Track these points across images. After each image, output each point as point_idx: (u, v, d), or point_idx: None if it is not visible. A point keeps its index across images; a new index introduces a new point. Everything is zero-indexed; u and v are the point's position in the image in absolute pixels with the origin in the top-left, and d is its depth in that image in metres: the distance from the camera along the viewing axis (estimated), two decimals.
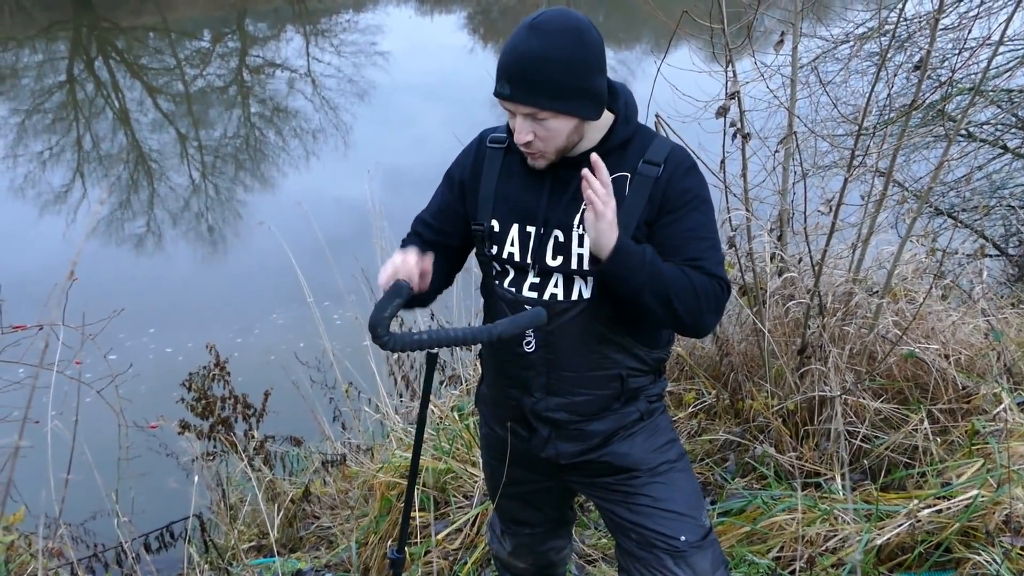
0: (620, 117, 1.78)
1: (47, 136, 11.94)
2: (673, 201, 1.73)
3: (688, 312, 1.67)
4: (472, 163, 1.89)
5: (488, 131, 1.93)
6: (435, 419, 3.57)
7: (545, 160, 1.74)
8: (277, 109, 14.24)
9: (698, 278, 1.68)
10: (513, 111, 1.69)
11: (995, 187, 5.86)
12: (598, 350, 1.82)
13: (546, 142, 1.70)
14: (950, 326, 3.37)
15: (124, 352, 3.26)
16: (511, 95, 1.65)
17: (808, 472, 3.04)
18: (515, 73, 1.63)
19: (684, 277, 1.67)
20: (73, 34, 18.67)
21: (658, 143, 1.78)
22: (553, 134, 1.68)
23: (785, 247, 3.36)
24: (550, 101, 1.64)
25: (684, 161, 1.76)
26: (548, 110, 1.65)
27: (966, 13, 4.82)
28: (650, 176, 1.73)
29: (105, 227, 8.94)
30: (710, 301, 1.69)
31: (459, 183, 1.90)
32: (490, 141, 1.88)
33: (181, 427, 3.63)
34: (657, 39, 3.45)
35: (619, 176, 1.75)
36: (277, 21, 21.25)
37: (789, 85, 3.24)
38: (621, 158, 1.77)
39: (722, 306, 1.73)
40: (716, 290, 1.70)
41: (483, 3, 24.85)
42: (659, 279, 1.65)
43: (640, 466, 1.91)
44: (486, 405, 2.09)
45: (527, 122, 1.68)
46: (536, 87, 1.63)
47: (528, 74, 1.62)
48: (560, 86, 1.63)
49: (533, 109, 1.65)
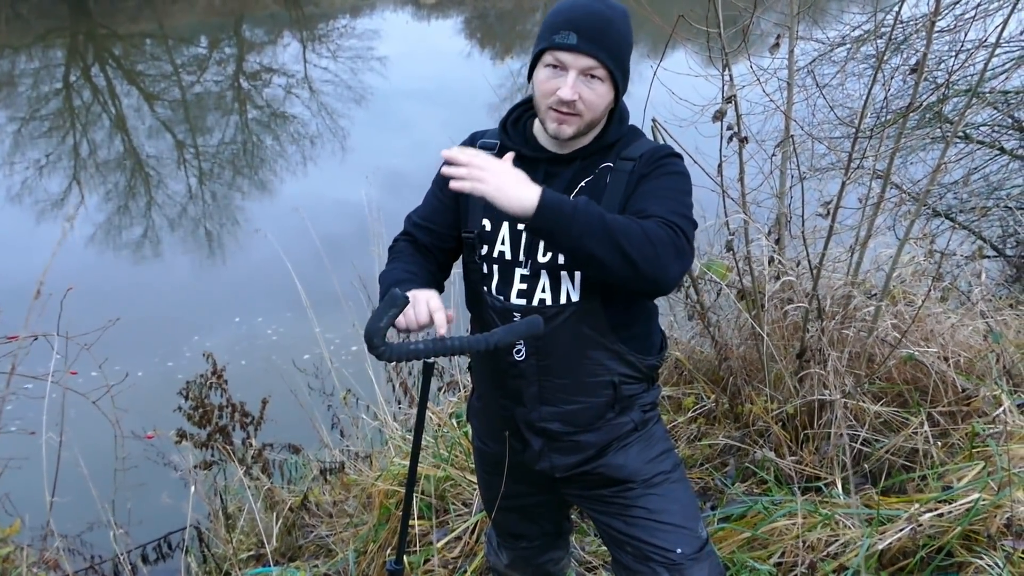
0: (615, 118, 1.81)
1: (44, 143, 11.93)
2: (646, 172, 1.75)
3: (645, 259, 1.54)
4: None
5: (477, 135, 1.93)
6: (433, 426, 3.56)
7: (573, 128, 1.72)
8: (274, 115, 14.24)
9: (648, 224, 1.58)
10: (570, 64, 1.68)
11: (992, 188, 5.86)
12: (589, 356, 1.82)
13: (588, 106, 1.71)
14: (949, 328, 3.36)
15: (120, 361, 3.24)
16: (576, 44, 1.66)
17: (808, 476, 3.03)
18: (583, 25, 1.67)
19: (632, 224, 1.57)
20: (70, 41, 18.67)
21: (639, 143, 1.81)
22: (598, 98, 1.71)
23: (783, 251, 3.34)
24: (609, 58, 1.68)
25: (660, 150, 1.79)
26: (606, 67, 1.68)
27: (962, 15, 4.82)
28: (625, 170, 1.76)
29: (103, 234, 8.93)
30: (667, 247, 1.56)
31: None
32: (480, 146, 1.87)
33: (178, 436, 3.61)
34: (655, 42, 3.46)
35: (603, 167, 1.79)
36: (274, 27, 21.26)
37: (786, 89, 3.23)
38: (607, 155, 1.80)
39: (684, 253, 1.60)
40: (671, 235, 1.58)
41: (480, 8, 24.88)
42: (600, 224, 1.54)
43: (635, 477, 1.89)
44: (478, 418, 2.08)
45: (579, 80, 1.69)
46: (602, 41, 1.68)
47: (597, 27, 1.67)
48: (619, 48, 1.70)
49: (594, 63, 1.68)
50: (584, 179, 1.78)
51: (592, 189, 1.77)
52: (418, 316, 1.67)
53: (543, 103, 1.73)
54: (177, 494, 3.34)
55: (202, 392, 3.80)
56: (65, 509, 2.86)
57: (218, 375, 3.84)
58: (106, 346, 3.02)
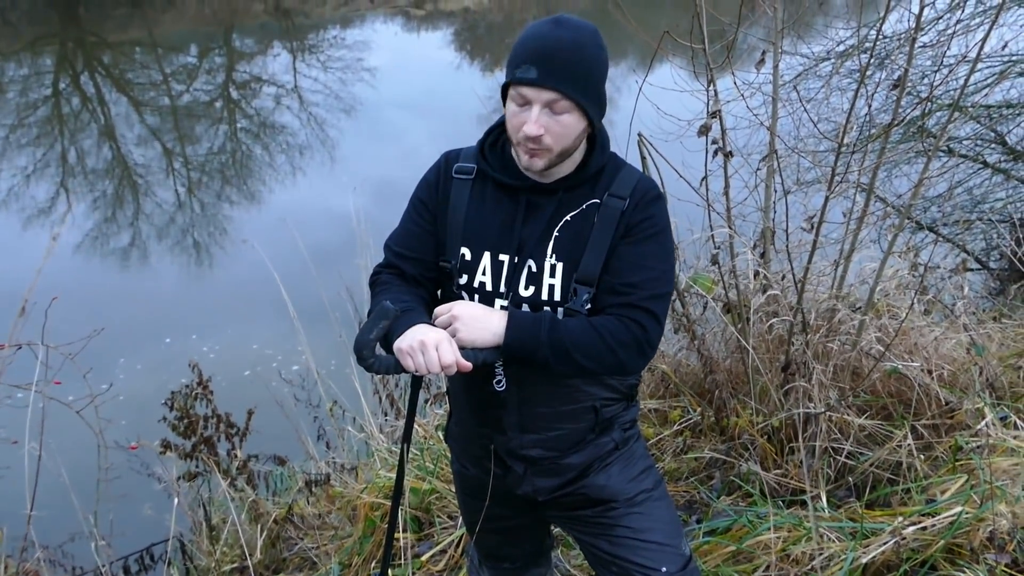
0: (597, 146, 1.77)
1: (32, 150, 11.88)
2: (632, 228, 1.72)
3: (606, 367, 1.70)
4: (439, 192, 1.83)
5: (451, 155, 1.87)
6: (419, 438, 3.56)
7: (543, 161, 1.68)
8: (264, 124, 14.23)
9: (611, 327, 1.67)
10: (532, 98, 1.63)
11: (976, 202, 5.91)
12: (570, 383, 1.81)
13: (555, 139, 1.65)
14: (933, 341, 3.38)
15: (106, 370, 3.23)
16: (537, 78, 1.60)
17: (793, 489, 3.04)
18: (543, 57, 1.60)
19: (593, 334, 1.67)
20: (59, 48, 18.61)
21: (625, 174, 1.77)
22: (566, 130, 1.65)
23: (768, 264, 3.36)
24: (573, 90, 1.62)
25: (649, 192, 1.76)
26: (570, 99, 1.62)
27: (944, 31, 4.87)
28: (617, 208, 1.72)
29: (90, 242, 8.89)
30: (630, 350, 1.69)
31: (431, 208, 1.84)
32: (456, 172, 1.82)
33: (163, 447, 3.59)
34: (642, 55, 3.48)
35: (591, 203, 1.74)
36: (264, 37, 21.26)
37: (771, 103, 3.25)
38: (593, 187, 1.76)
39: (645, 343, 1.70)
40: (637, 334, 1.68)
41: (469, 20, 24.96)
42: (562, 350, 1.66)
43: (618, 497, 1.89)
44: (457, 442, 2.05)
45: (543, 113, 1.63)
46: (563, 72, 1.61)
47: (557, 59, 1.60)
48: (584, 78, 1.63)
49: (557, 96, 1.61)
50: (569, 212, 1.74)
51: (579, 225, 1.73)
52: (429, 364, 1.60)
53: (513, 137, 1.69)
54: (160, 505, 3.32)
55: (187, 402, 3.78)
56: (46, 520, 2.84)
57: (204, 385, 3.83)
58: (91, 355, 3.00)
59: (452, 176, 1.82)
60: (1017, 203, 5.91)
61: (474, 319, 1.67)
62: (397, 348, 1.63)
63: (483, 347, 1.67)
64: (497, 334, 1.66)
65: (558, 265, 1.72)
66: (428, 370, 1.60)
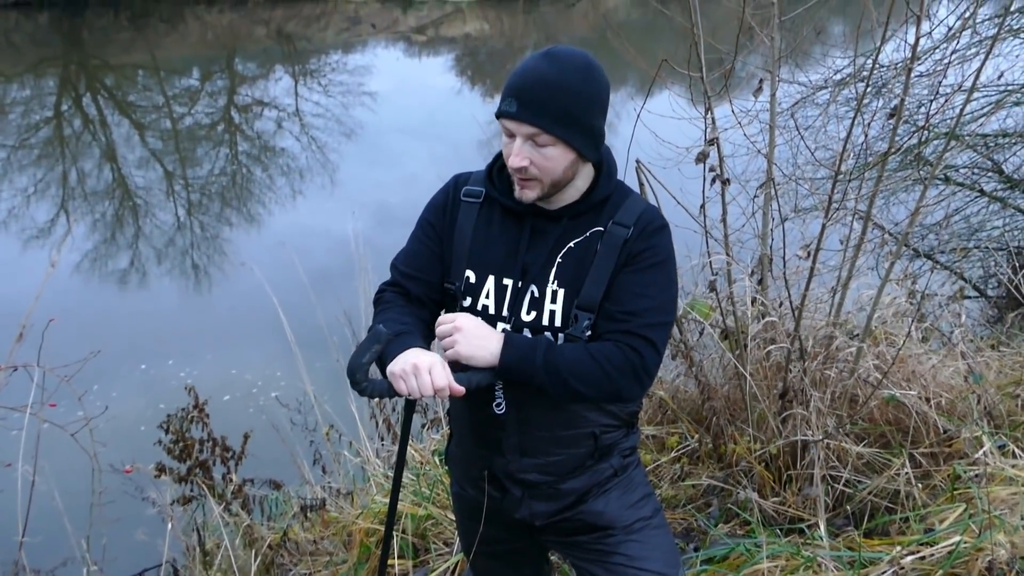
0: (603, 174, 1.79)
1: (33, 171, 11.91)
2: (635, 257, 1.73)
3: (603, 393, 1.71)
4: (447, 214, 1.86)
5: (461, 178, 1.89)
6: (415, 463, 3.54)
7: (536, 193, 1.71)
8: (265, 147, 14.29)
9: (608, 352, 1.68)
10: (514, 131, 1.66)
11: (973, 230, 5.92)
12: (570, 409, 1.81)
13: (542, 171, 1.68)
14: (930, 369, 3.38)
15: (102, 392, 3.22)
16: (516, 112, 1.64)
17: (791, 518, 3.02)
18: (523, 92, 1.64)
19: (589, 360, 1.68)
20: (62, 71, 18.73)
21: (630, 202, 1.78)
22: (551, 163, 1.67)
23: (766, 291, 3.37)
24: (553, 124, 1.63)
25: (653, 221, 1.76)
26: (550, 133, 1.64)
27: (940, 60, 4.91)
28: (620, 236, 1.73)
29: (89, 264, 8.89)
30: (626, 376, 1.69)
31: (438, 230, 1.86)
32: (464, 195, 1.84)
33: (158, 470, 3.57)
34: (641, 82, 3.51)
35: (594, 231, 1.75)
36: (266, 61, 21.42)
37: (768, 131, 3.27)
38: (598, 214, 1.77)
39: (642, 370, 1.70)
40: (631, 358, 1.68)
41: (470, 46, 25.16)
42: (557, 376, 1.67)
43: (615, 524, 1.88)
44: (456, 464, 2.06)
45: (526, 146, 1.66)
46: (542, 108, 1.63)
47: (536, 94, 1.63)
48: (565, 112, 1.64)
49: (536, 130, 1.64)
50: (572, 239, 1.75)
51: (582, 252, 1.74)
52: (422, 388, 1.61)
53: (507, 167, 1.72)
54: (154, 530, 3.30)
55: (183, 426, 3.77)
56: (39, 545, 2.81)
57: (200, 409, 3.82)
58: (88, 377, 2.99)
59: (460, 199, 1.84)
60: (1014, 231, 5.93)
61: (475, 335, 1.68)
62: (390, 372, 1.64)
63: (478, 367, 1.68)
64: (494, 354, 1.67)
65: (560, 291, 1.73)
66: (421, 394, 1.61)
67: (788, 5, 3.76)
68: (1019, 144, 5.79)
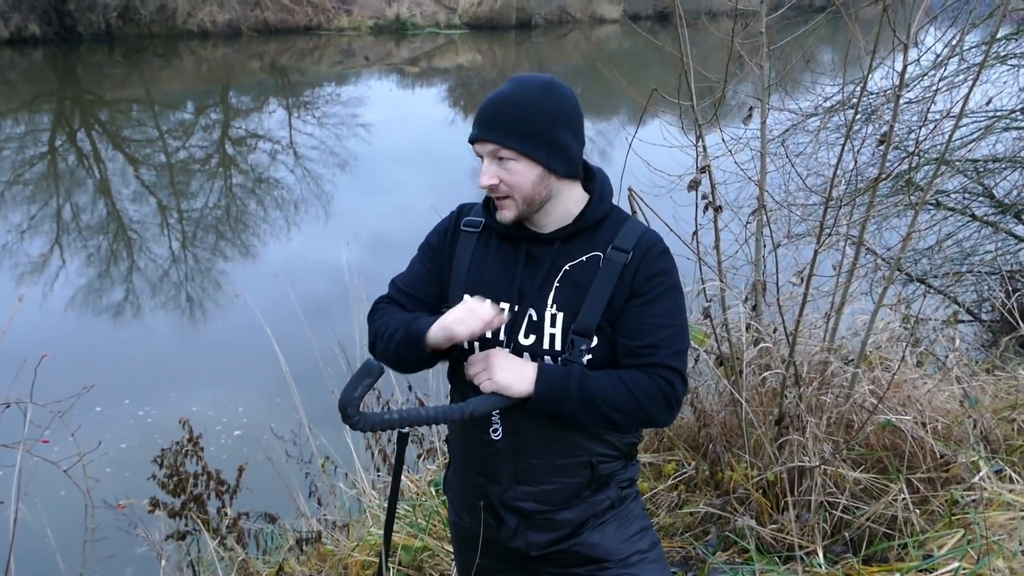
0: (595, 196, 1.81)
1: (27, 207, 11.93)
2: (642, 286, 1.74)
3: (636, 421, 1.75)
4: (448, 242, 1.89)
5: (465, 208, 1.93)
6: (411, 495, 3.51)
7: (512, 212, 1.75)
8: (259, 180, 14.33)
9: (640, 381, 1.71)
10: (480, 152, 1.74)
11: (966, 254, 5.95)
12: (567, 436, 1.80)
13: (511, 188, 1.72)
14: (926, 394, 3.38)
15: (96, 427, 3.20)
16: (477, 133, 1.72)
17: (789, 545, 3.00)
18: (483, 113, 1.72)
19: (622, 389, 1.70)
20: (56, 106, 18.83)
21: (629, 227, 1.80)
22: (517, 178, 1.71)
23: (760, 317, 3.37)
24: (508, 138, 1.69)
25: (655, 246, 1.78)
26: (508, 148, 1.69)
27: (929, 87, 4.96)
28: (619, 262, 1.74)
29: (83, 298, 8.87)
30: (658, 405, 1.72)
31: (439, 253, 1.90)
32: (464, 224, 1.88)
33: (151, 505, 3.54)
34: (633, 111, 3.55)
35: (592, 256, 1.77)
36: (260, 94, 21.56)
37: (759, 158, 3.29)
38: (594, 237, 1.79)
39: (674, 400, 1.74)
40: (663, 388, 1.72)
41: (464, 76, 25.37)
42: (591, 403, 1.69)
43: (611, 556, 1.87)
44: (454, 492, 2.05)
45: (492, 164, 1.72)
46: (497, 125, 1.70)
47: (492, 113, 1.71)
48: (522, 127, 1.69)
49: (495, 146, 1.70)
50: (568, 262, 1.77)
51: (580, 276, 1.75)
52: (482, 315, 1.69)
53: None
54: (147, 566, 3.26)
55: (177, 460, 3.74)
56: None
57: (194, 442, 3.79)
58: (82, 412, 2.98)
59: (461, 229, 1.89)
60: (1006, 255, 5.96)
61: (510, 366, 1.71)
62: (443, 325, 1.70)
63: (513, 395, 1.70)
64: (530, 382, 1.70)
65: (558, 315, 1.74)
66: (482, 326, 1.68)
67: (777, 34, 3.82)
68: (1009, 168, 5.84)
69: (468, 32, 33.08)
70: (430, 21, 32.89)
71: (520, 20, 34.16)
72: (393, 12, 32.16)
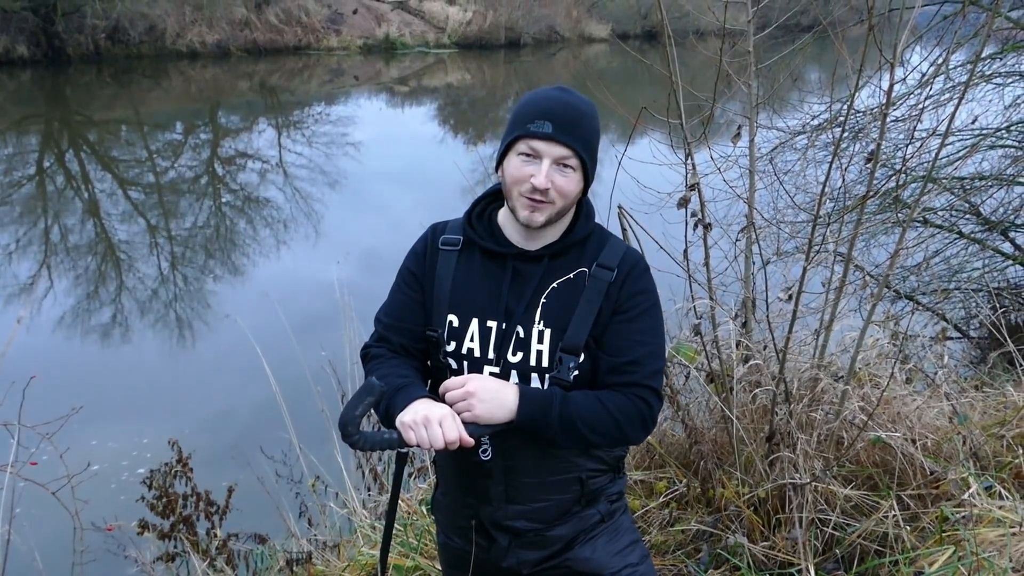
0: (583, 215, 1.83)
1: (14, 228, 11.87)
2: (625, 302, 1.76)
3: (612, 440, 1.77)
4: (428, 263, 1.87)
5: (439, 227, 1.92)
6: (403, 514, 3.50)
7: (544, 215, 1.74)
8: (248, 199, 14.31)
9: (619, 402, 1.73)
10: (543, 152, 1.71)
11: (953, 271, 5.99)
12: (557, 453, 1.81)
13: (560, 194, 1.73)
14: (915, 410, 3.38)
15: (84, 448, 3.17)
16: (552, 133, 1.70)
17: (781, 562, 3.00)
18: (558, 115, 1.71)
19: (601, 410, 1.72)
20: (45, 127, 18.77)
21: (612, 245, 1.82)
22: (571, 187, 1.74)
23: (750, 334, 3.38)
24: (583, 148, 1.72)
25: (637, 264, 1.81)
26: (579, 157, 1.72)
27: (915, 106, 5.01)
28: (604, 280, 1.76)
29: (71, 319, 8.82)
30: (634, 424, 1.75)
31: (419, 277, 1.88)
32: (443, 243, 1.87)
33: (140, 527, 3.51)
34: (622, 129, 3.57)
35: (579, 272, 1.78)
36: (250, 113, 21.56)
37: (748, 176, 3.31)
38: (580, 254, 1.81)
39: (649, 419, 1.77)
40: (641, 408, 1.74)
41: (453, 95, 25.47)
42: (571, 426, 1.70)
43: (602, 571, 1.87)
44: (442, 513, 2.04)
45: (552, 167, 1.71)
46: (576, 131, 1.72)
47: (571, 118, 1.71)
48: (590, 139, 1.75)
49: (568, 152, 1.71)
50: (555, 279, 1.78)
51: (567, 293, 1.77)
52: (433, 440, 1.61)
53: (515, 190, 1.74)
54: None
55: (166, 481, 3.72)
56: None
57: (183, 463, 3.77)
58: (70, 434, 2.96)
59: (439, 248, 1.87)
60: (993, 272, 6.00)
61: (489, 395, 1.68)
62: (400, 422, 1.64)
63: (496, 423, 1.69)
64: (511, 411, 1.69)
65: (546, 332, 1.75)
66: (431, 445, 1.61)
67: (765, 53, 3.86)
68: (995, 186, 5.89)
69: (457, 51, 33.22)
70: (419, 41, 33.01)
71: (509, 39, 34.32)
72: (382, 32, 32.28)
